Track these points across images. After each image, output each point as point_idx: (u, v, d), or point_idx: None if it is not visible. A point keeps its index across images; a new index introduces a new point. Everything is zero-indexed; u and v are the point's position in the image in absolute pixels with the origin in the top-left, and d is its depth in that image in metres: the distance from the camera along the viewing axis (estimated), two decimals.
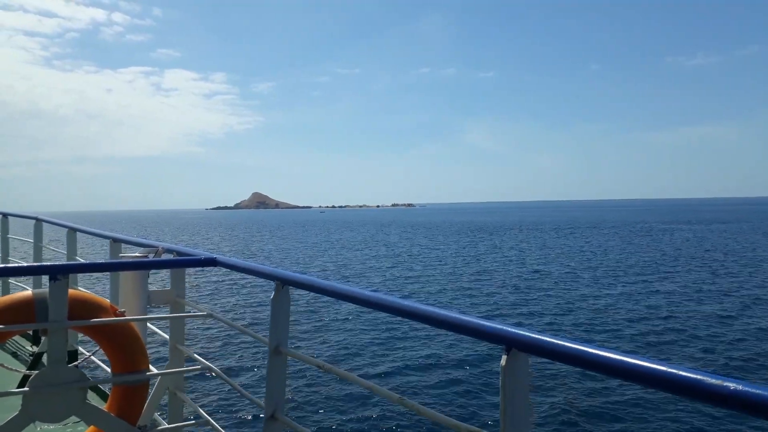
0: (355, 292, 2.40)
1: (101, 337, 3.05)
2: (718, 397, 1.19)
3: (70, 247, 6.04)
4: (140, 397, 3.15)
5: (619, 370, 1.39)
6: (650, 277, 29.62)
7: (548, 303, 22.75)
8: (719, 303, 21.91)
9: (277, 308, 2.83)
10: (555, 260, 38.70)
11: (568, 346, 1.52)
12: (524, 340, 1.63)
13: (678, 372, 1.27)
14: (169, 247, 4.11)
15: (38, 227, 7.07)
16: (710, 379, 1.21)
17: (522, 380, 1.66)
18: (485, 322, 1.78)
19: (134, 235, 8.80)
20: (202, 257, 3.54)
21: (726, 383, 1.19)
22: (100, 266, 3.73)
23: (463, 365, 14.07)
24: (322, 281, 2.65)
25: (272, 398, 2.78)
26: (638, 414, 10.89)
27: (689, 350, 15.47)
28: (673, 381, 1.27)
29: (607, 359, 1.42)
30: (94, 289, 16.05)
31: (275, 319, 2.83)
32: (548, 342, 1.57)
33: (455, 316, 1.89)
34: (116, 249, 4.88)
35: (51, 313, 2.81)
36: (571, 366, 1.57)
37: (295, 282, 2.78)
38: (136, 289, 3.82)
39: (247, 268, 3.24)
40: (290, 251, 53.52)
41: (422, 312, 2.02)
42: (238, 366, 14.28)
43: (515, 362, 1.65)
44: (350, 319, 19.37)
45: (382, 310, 2.24)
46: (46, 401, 2.79)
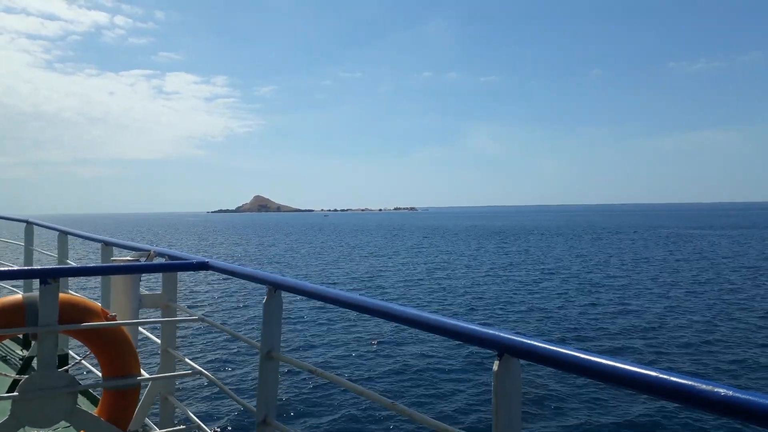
0: (347, 297, 2.40)
1: (92, 341, 3.03)
2: (708, 403, 1.20)
3: (61, 250, 6.00)
4: (131, 401, 3.13)
5: (611, 376, 1.40)
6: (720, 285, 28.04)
7: (584, 311, 21.96)
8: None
9: (269, 313, 2.82)
10: (604, 268, 36.66)
11: (560, 351, 1.53)
12: (516, 346, 1.63)
13: (669, 378, 1.28)
14: (160, 251, 4.09)
15: (29, 230, 7.03)
16: (701, 384, 1.22)
17: (514, 385, 1.66)
18: (477, 327, 1.78)
19: (131, 239, 8.75)
20: (194, 261, 3.53)
21: (717, 389, 1.19)
22: (92, 270, 3.71)
23: (456, 370, 14.06)
24: (314, 286, 2.65)
25: (264, 403, 2.77)
26: (629, 420, 10.91)
27: (719, 362, 15.06)
28: (664, 386, 1.28)
29: (599, 365, 1.42)
30: (85, 292, 15.97)
31: (267, 324, 2.82)
32: (540, 347, 1.57)
33: (448, 321, 1.90)
34: (108, 252, 4.86)
35: (41, 317, 2.79)
36: (562, 371, 1.58)
37: (287, 286, 2.77)
38: (127, 293, 3.80)
39: (239, 272, 3.23)
40: (309, 257, 49.62)
41: (414, 317, 2.02)
42: (230, 370, 14.22)
43: (507, 367, 1.66)
44: (342, 324, 19.31)
45: (374, 314, 2.24)
46: (36, 406, 2.77)
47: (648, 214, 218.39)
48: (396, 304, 2.17)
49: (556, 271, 35.34)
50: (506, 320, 20.58)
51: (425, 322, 1.97)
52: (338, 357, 15.67)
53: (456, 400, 12.14)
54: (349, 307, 2.38)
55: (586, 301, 24.22)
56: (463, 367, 14.24)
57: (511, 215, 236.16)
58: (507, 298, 25.38)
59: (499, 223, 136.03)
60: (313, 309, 21.52)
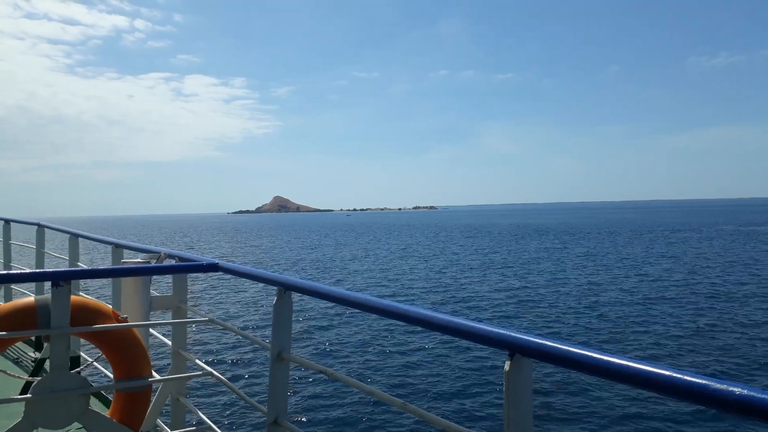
0: (357, 298, 2.39)
1: (103, 343, 3.05)
2: (723, 402, 1.19)
3: (72, 252, 6.04)
4: (143, 403, 3.14)
5: (623, 375, 1.38)
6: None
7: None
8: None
9: (280, 314, 2.83)
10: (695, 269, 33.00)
11: (571, 351, 1.51)
12: (528, 345, 1.62)
13: (682, 377, 1.26)
14: (171, 253, 4.11)
15: (40, 233, 7.09)
16: (716, 384, 1.21)
17: (525, 385, 1.65)
18: (489, 327, 1.77)
19: (173, 245, 8.72)
20: (204, 263, 3.54)
21: (732, 388, 1.18)
22: (103, 272, 3.73)
23: (467, 370, 14.01)
24: (324, 286, 2.65)
25: (275, 404, 2.78)
26: (642, 419, 10.82)
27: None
28: (678, 386, 1.26)
29: (610, 364, 1.41)
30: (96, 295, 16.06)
31: (277, 325, 2.82)
32: (551, 347, 1.56)
33: (458, 321, 1.89)
34: (118, 255, 4.88)
35: (53, 320, 2.81)
36: (574, 371, 1.57)
37: (297, 287, 2.78)
38: (138, 295, 3.82)
39: (249, 273, 3.23)
40: (369, 260, 44.44)
41: (425, 317, 2.01)
42: (241, 372, 14.25)
43: (519, 367, 1.65)
44: (353, 325, 19.31)
45: (384, 315, 2.23)
46: (48, 408, 2.79)
47: (689, 210, 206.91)
48: (406, 305, 2.17)
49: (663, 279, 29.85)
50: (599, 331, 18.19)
51: (436, 322, 1.96)
52: (349, 357, 15.67)
53: (467, 400, 12.11)
54: (359, 308, 2.37)
55: (662, 308, 21.66)
56: (475, 367, 14.19)
57: (541, 213, 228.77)
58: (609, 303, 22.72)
59: (537, 221, 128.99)
60: (324, 310, 21.55)
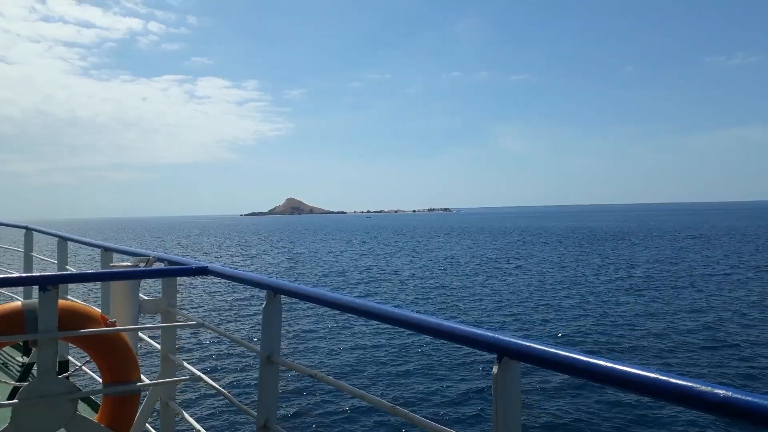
0: (346, 301, 2.39)
1: (92, 347, 3.02)
2: (708, 404, 1.20)
3: (60, 256, 6.00)
4: (132, 407, 3.12)
5: (610, 378, 1.40)
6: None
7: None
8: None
9: (269, 317, 2.82)
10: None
11: (559, 353, 1.52)
12: (516, 348, 1.63)
13: (668, 379, 1.28)
14: (160, 256, 4.09)
15: (28, 236, 7.02)
16: (701, 386, 1.22)
17: (514, 388, 1.66)
18: (476, 330, 1.78)
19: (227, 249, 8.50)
20: (193, 266, 3.52)
21: (716, 390, 1.19)
22: (91, 276, 3.70)
23: (456, 373, 14.04)
24: (313, 290, 2.64)
25: (264, 408, 2.77)
26: (629, 421, 10.90)
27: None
28: (664, 388, 1.28)
29: (598, 366, 1.43)
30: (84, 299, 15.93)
31: (267, 328, 2.82)
32: (540, 350, 1.57)
33: (446, 324, 1.90)
34: (107, 258, 4.85)
35: (41, 324, 2.78)
36: (562, 374, 1.58)
37: (286, 291, 2.77)
38: (127, 299, 3.79)
39: (239, 276, 3.23)
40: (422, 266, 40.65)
41: (413, 320, 2.02)
42: (230, 376, 14.19)
43: (507, 370, 1.66)
44: (342, 328, 19.29)
45: (374, 318, 2.24)
46: (36, 413, 2.76)
47: (720, 213, 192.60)
48: (394, 307, 2.17)
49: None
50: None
51: (425, 325, 1.97)
52: (338, 361, 15.65)
53: (456, 403, 12.12)
54: (348, 311, 2.37)
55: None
56: (464, 371, 14.22)
57: (565, 215, 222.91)
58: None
59: (570, 224, 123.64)
60: (313, 313, 21.50)
